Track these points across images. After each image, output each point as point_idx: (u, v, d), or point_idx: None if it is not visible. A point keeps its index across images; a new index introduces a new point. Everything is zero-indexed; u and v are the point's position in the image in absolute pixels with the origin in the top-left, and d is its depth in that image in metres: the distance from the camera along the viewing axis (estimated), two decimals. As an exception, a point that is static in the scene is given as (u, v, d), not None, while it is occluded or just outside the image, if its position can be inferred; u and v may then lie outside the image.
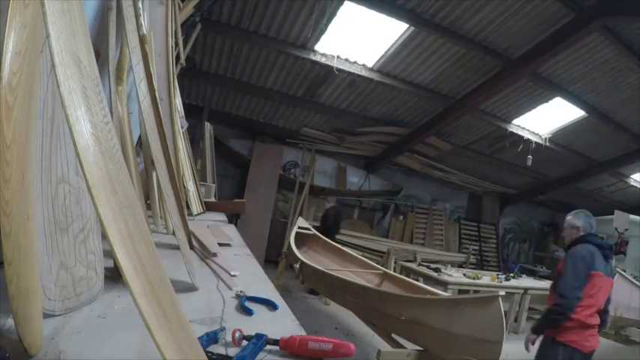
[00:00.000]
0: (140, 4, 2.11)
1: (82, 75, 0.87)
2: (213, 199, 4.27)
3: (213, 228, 2.70)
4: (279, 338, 1.11)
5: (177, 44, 3.54)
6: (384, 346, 2.95)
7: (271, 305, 1.45)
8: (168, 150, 2.04)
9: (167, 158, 2.02)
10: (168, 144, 2.12)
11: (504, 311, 2.40)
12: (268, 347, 1.10)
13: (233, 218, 6.49)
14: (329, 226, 6.89)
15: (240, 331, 1.10)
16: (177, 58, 3.65)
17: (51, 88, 1.07)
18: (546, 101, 7.22)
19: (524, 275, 7.07)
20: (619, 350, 5.42)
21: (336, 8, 5.35)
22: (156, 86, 2.08)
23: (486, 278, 6.09)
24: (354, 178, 9.91)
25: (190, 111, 6.07)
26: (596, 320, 2.86)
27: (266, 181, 8.38)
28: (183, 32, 4.11)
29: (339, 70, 6.44)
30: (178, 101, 3.32)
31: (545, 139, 8.39)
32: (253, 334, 1.11)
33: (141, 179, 2.32)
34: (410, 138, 8.59)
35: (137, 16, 2.06)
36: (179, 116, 3.23)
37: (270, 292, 1.64)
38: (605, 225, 8.37)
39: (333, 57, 6.37)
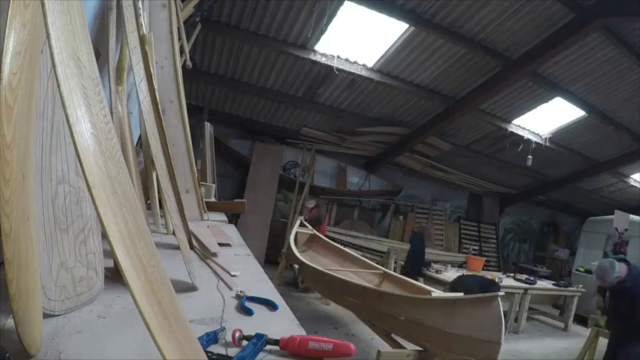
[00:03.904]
0: (140, 4, 2.11)
1: (82, 75, 0.87)
2: (213, 199, 4.27)
3: (213, 228, 2.70)
4: (279, 338, 1.11)
5: (182, 50, 3.54)
6: (384, 346, 2.95)
7: (271, 305, 1.45)
8: (168, 150, 2.04)
9: (167, 158, 2.02)
10: (182, 145, 2.12)
11: (504, 311, 2.40)
12: (268, 347, 1.11)
13: (233, 218, 6.49)
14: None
15: (240, 331, 1.11)
16: (183, 60, 3.66)
17: (51, 88, 1.07)
18: (546, 101, 7.21)
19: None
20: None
21: (336, 8, 5.35)
22: (156, 86, 2.08)
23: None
24: (354, 178, 9.91)
25: (190, 111, 6.04)
26: None
27: (266, 181, 8.38)
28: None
29: (339, 70, 6.44)
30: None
31: (545, 139, 8.39)
32: (253, 334, 1.11)
33: (141, 179, 2.32)
34: (410, 138, 8.59)
35: (137, 16, 2.06)
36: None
37: (270, 292, 1.64)
38: (605, 225, 8.37)
39: (333, 57, 6.37)
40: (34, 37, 0.84)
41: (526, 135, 8.27)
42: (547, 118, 7.83)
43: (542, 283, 6.97)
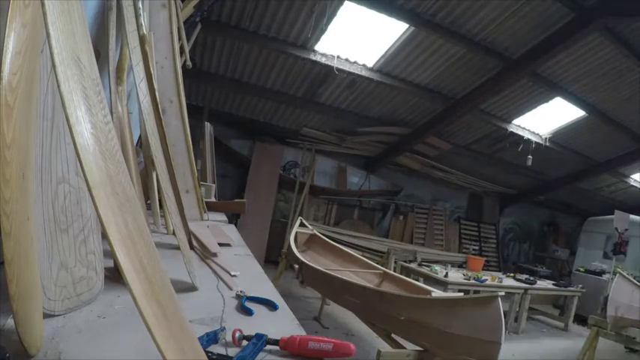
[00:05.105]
0: (140, 4, 2.11)
1: (82, 75, 0.87)
2: (213, 199, 4.27)
3: (213, 228, 2.70)
4: (279, 338, 1.11)
5: (182, 50, 3.54)
6: (384, 346, 2.95)
7: (271, 305, 1.45)
8: (168, 150, 2.04)
9: (167, 158, 2.02)
10: (182, 145, 2.12)
11: (504, 311, 2.39)
12: (268, 347, 1.11)
13: (233, 218, 6.48)
14: None
15: (240, 331, 1.11)
16: (183, 60, 3.66)
17: (51, 88, 1.07)
18: (546, 101, 7.21)
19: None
20: (619, 351, 5.43)
21: (336, 8, 5.35)
22: (156, 86, 2.08)
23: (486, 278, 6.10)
24: (354, 178, 9.91)
25: (190, 111, 6.05)
26: None
27: (266, 181, 8.38)
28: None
29: (339, 70, 6.44)
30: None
31: (545, 139, 8.39)
32: (253, 334, 1.11)
33: (141, 179, 2.32)
34: (410, 138, 8.59)
35: (137, 16, 2.06)
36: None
37: (270, 292, 1.64)
38: (605, 225, 8.37)
39: (333, 57, 6.37)
40: (34, 37, 0.84)
41: (526, 135, 8.27)
42: (547, 118, 7.83)
43: (542, 283, 6.97)
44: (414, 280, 4.20)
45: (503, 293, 2.43)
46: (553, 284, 7.20)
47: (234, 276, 1.74)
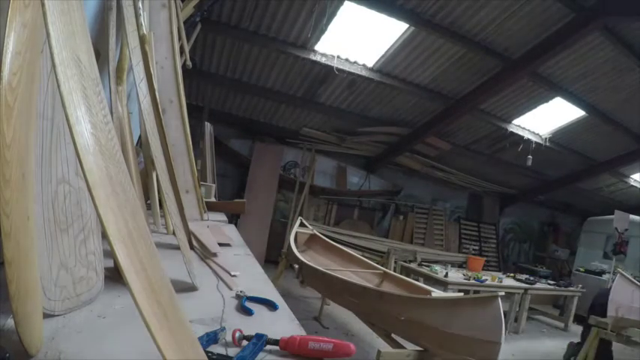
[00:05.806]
0: (140, 4, 2.11)
1: (82, 75, 0.87)
2: (213, 199, 4.27)
3: (213, 228, 2.70)
4: (279, 338, 1.11)
5: (182, 50, 3.54)
6: (384, 346, 2.95)
7: (271, 305, 1.45)
8: (168, 150, 2.04)
9: (167, 158, 2.02)
10: (182, 145, 2.12)
11: (504, 311, 2.39)
12: (268, 347, 1.11)
13: (233, 218, 6.48)
14: None
15: (240, 331, 1.11)
16: (183, 60, 3.66)
17: (51, 88, 1.07)
18: (546, 101, 7.22)
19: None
20: (619, 351, 5.43)
21: (336, 8, 5.35)
22: (156, 86, 2.08)
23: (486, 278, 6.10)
24: (354, 178, 9.91)
25: (190, 111, 6.05)
26: None
27: (266, 181, 8.38)
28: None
29: (339, 70, 6.44)
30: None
31: (545, 139, 8.39)
32: (253, 334, 1.11)
33: (141, 179, 2.32)
34: (410, 138, 8.59)
35: (137, 16, 2.06)
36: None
37: (270, 292, 1.64)
38: (605, 225, 8.37)
39: (333, 57, 6.37)
40: (34, 37, 0.84)
41: (526, 135, 8.28)
42: (547, 118, 7.83)
43: (542, 283, 6.97)
44: (414, 280, 4.20)
45: (503, 293, 2.43)
46: (553, 284, 7.20)
47: (234, 276, 1.75)
